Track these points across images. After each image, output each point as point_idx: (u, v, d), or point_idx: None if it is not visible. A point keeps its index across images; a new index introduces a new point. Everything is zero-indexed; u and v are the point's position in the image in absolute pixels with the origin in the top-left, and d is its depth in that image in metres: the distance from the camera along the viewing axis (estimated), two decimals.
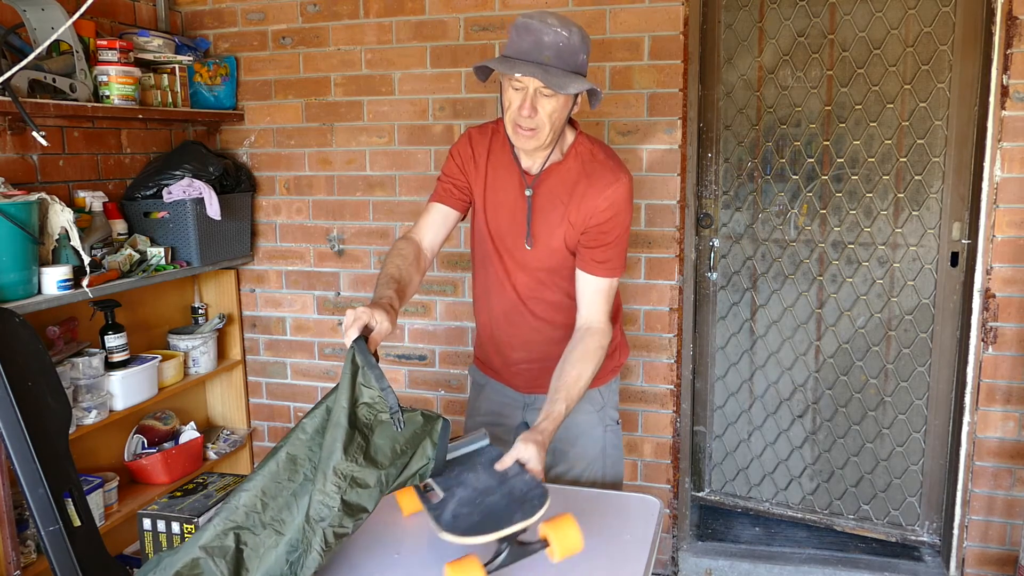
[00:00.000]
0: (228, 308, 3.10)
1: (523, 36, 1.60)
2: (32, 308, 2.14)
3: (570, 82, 1.59)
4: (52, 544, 1.98)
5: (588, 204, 1.73)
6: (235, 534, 1.32)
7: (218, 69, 2.91)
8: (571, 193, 1.76)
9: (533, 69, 1.57)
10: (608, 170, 1.75)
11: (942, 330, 2.67)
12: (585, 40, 1.65)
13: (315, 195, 3.00)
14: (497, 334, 1.93)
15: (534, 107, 1.62)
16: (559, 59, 1.59)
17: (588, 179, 1.74)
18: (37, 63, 2.20)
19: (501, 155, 1.82)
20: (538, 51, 1.59)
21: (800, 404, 2.90)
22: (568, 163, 1.77)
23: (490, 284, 1.90)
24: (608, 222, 1.74)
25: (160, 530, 2.19)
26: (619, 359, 2.00)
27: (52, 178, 2.46)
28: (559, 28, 1.59)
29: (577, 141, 1.78)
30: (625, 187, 1.74)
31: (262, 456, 3.23)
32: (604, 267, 1.76)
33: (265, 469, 1.37)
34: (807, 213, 2.79)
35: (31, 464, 1.97)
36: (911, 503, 2.81)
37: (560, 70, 1.59)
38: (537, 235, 1.79)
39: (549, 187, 1.77)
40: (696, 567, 2.84)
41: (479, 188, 1.85)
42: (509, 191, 1.80)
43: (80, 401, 2.37)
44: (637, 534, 1.55)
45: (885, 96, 2.62)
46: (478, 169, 1.84)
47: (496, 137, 1.84)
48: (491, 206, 1.83)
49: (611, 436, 1.98)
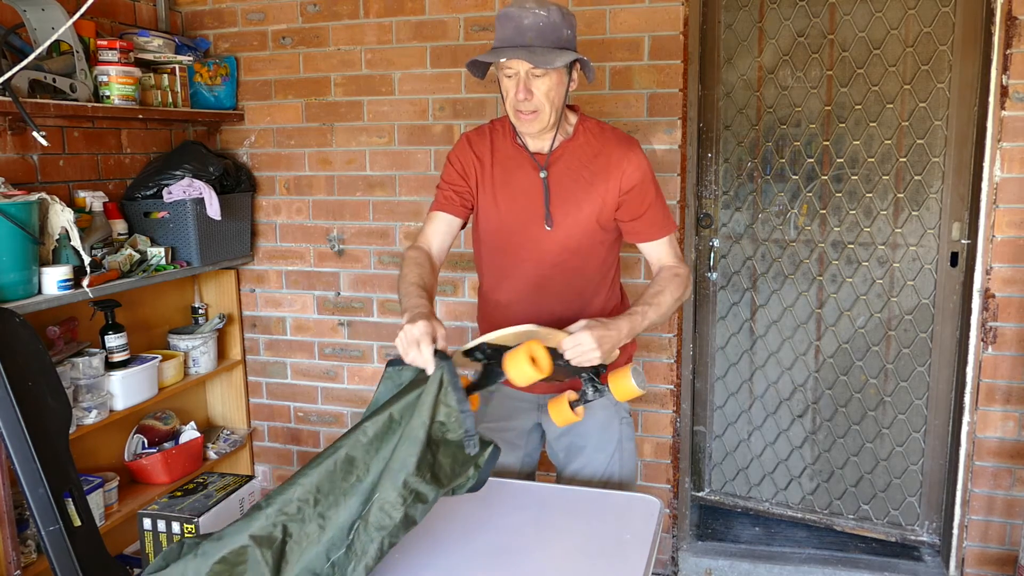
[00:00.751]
0: (228, 308, 3.10)
1: (505, 25, 1.67)
2: (32, 308, 2.14)
3: (556, 57, 1.65)
4: (52, 544, 1.98)
5: (615, 172, 1.78)
6: (283, 526, 1.33)
7: (218, 69, 2.92)
8: (591, 167, 1.79)
9: (517, 52, 1.64)
10: (622, 140, 1.82)
11: (942, 330, 2.68)
12: (566, 16, 1.70)
13: (315, 195, 3.00)
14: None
15: (528, 89, 1.68)
16: (542, 38, 1.65)
17: (606, 150, 1.79)
18: (37, 63, 2.20)
19: (506, 148, 1.84)
20: (521, 35, 1.65)
21: (800, 404, 2.90)
22: (579, 139, 1.81)
23: (505, 278, 1.89)
24: (640, 184, 1.79)
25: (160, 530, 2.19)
26: (629, 350, 1.99)
27: (52, 178, 2.46)
28: (537, 9, 1.66)
29: (581, 120, 1.83)
30: (641, 152, 1.82)
31: (262, 456, 3.24)
32: (658, 228, 1.83)
33: (322, 467, 1.37)
34: (807, 213, 2.79)
35: (31, 464, 1.97)
36: (911, 503, 2.81)
37: (544, 48, 1.65)
38: (556, 214, 1.80)
39: (565, 163, 1.80)
40: (696, 567, 2.84)
41: (488, 186, 1.85)
42: (522, 179, 1.82)
43: (80, 401, 2.37)
44: (637, 534, 1.55)
45: (885, 96, 2.62)
46: (484, 168, 1.86)
47: (495, 133, 1.87)
48: (504, 199, 1.84)
49: (626, 428, 1.98)
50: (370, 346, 3.04)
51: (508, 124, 1.84)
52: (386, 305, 2.98)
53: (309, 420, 3.16)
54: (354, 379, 3.08)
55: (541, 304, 1.85)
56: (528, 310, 1.84)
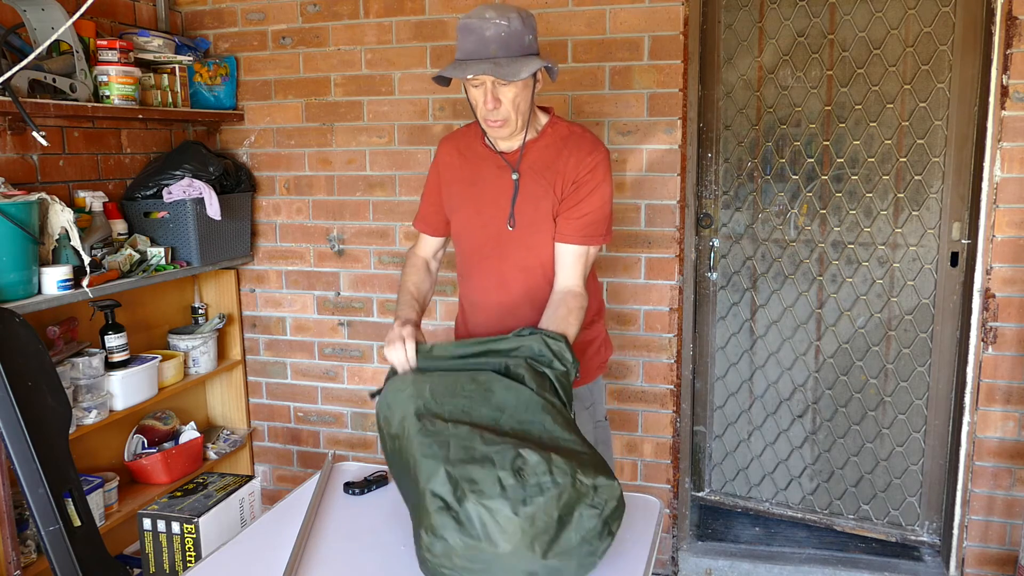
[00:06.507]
0: (228, 308, 3.10)
1: (467, 37, 1.68)
2: (32, 308, 2.14)
3: (521, 67, 1.66)
4: (52, 544, 1.98)
5: (572, 168, 1.80)
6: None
7: (218, 69, 2.92)
8: (554, 165, 1.81)
9: (483, 67, 1.65)
10: (588, 141, 1.83)
11: (942, 330, 2.68)
12: (527, 21, 1.70)
13: (315, 195, 3.00)
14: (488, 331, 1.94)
15: (496, 99, 1.70)
16: (505, 48, 1.66)
17: (570, 149, 1.81)
18: (37, 63, 2.20)
19: (478, 148, 1.89)
20: (484, 47, 1.66)
21: (800, 404, 2.90)
22: (545, 140, 1.84)
23: (472, 276, 1.95)
24: (590, 183, 1.80)
25: (160, 530, 2.19)
26: (604, 355, 2.03)
27: (52, 178, 2.46)
28: (498, 19, 1.66)
29: (551, 121, 1.86)
30: (606, 157, 1.83)
31: (262, 456, 3.24)
32: (583, 235, 1.81)
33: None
34: (807, 213, 2.79)
35: (31, 464, 1.97)
36: (911, 503, 2.81)
37: (509, 58, 1.66)
38: (518, 215, 1.83)
39: (530, 163, 1.83)
40: (696, 567, 2.84)
41: (458, 186, 1.91)
42: (491, 180, 1.86)
43: (80, 401, 2.37)
44: (637, 534, 1.55)
45: (885, 96, 2.62)
46: (454, 170, 1.92)
47: (468, 136, 1.92)
48: (473, 199, 1.88)
49: (601, 433, 1.99)
50: (370, 346, 3.04)
51: (478, 126, 1.87)
52: (386, 305, 2.98)
53: (309, 420, 3.16)
54: (354, 379, 3.08)
55: (505, 302, 1.89)
56: (493, 309, 1.91)
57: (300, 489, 1.82)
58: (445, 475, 1.33)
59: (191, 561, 2.14)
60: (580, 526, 1.33)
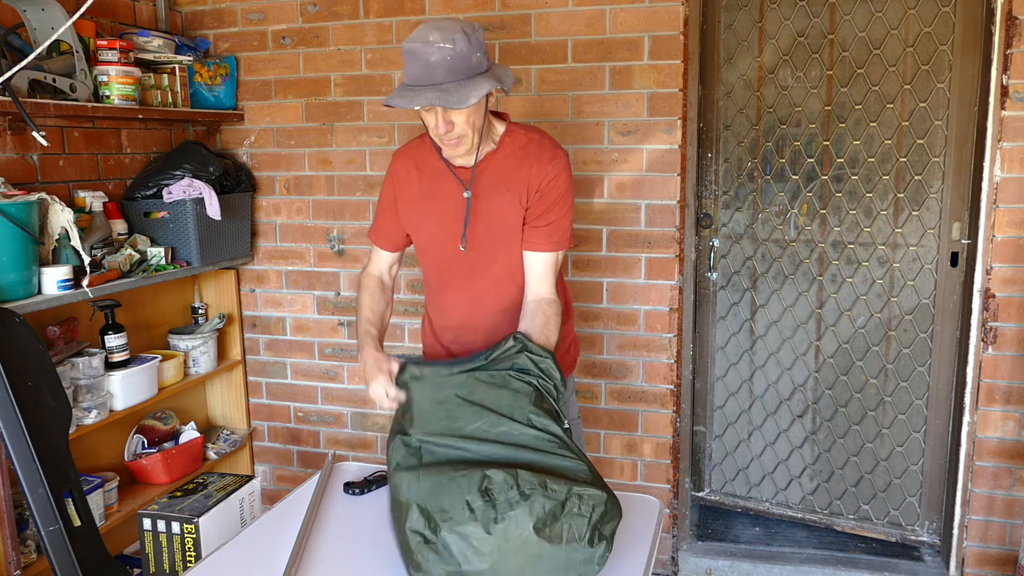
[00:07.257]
0: (228, 308, 3.10)
1: (412, 62, 1.61)
2: (32, 308, 2.14)
3: (469, 92, 1.60)
4: (52, 544, 1.98)
5: (535, 177, 1.78)
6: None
7: (218, 69, 2.92)
8: (516, 175, 1.79)
9: (430, 96, 1.59)
10: (547, 147, 1.81)
11: (942, 330, 2.68)
12: (473, 38, 1.63)
13: (315, 195, 3.00)
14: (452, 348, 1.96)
15: (449, 121, 1.66)
16: (452, 73, 1.60)
17: (531, 159, 1.79)
18: (37, 63, 2.20)
19: (435, 163, 1.85)
20: (430, 73, 1.60)
21: (800, 404, 2.90)
22: (504, 150, 1.81)
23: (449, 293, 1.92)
24: (553, 192, 1.79)
25: (160, 530, 2.19)
26: (573, 355, 2.04)
27: (52, 178, 2.46)
28: (442, 43, 1.58)
29: (508, 131, 1.82)
30: (566, 161, 1.82)
31: (262, 456, 3.24)
32: (551, 241, 1.81)
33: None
34: (807, 213, 2.79)
35: (31, 464, 1.97)
36: (911, 503, 2.81)
37: (456, 83, 1.60)
38: (478, 230, 1.81)
39: (490, 176, 1.81)
40: (696, 567, 2.84)
41: (415, 200, 1.87)
42: (447, 195, 1.83)
43: (80, 401, 2.37)
44: (637, 534, 1.55)
45: (885, 96, 2.62)
46: (410, 185, 1.89)
47: (420, 151, 1.88)
48: (431, 214, 1.86)
49: (573, 431, 1.99)
50: None
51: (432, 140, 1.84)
52: None
53: (309, 420, 3.16)
54: (354, 379, 3.08)
55: (477, 313, 1.89)
56: (465, 321, 1.90)
57: (300, 489, 1.82)
58: (418, 510, 1.36)
59: (191, 561, 2.14)
60: (570, 535, 1.34)
